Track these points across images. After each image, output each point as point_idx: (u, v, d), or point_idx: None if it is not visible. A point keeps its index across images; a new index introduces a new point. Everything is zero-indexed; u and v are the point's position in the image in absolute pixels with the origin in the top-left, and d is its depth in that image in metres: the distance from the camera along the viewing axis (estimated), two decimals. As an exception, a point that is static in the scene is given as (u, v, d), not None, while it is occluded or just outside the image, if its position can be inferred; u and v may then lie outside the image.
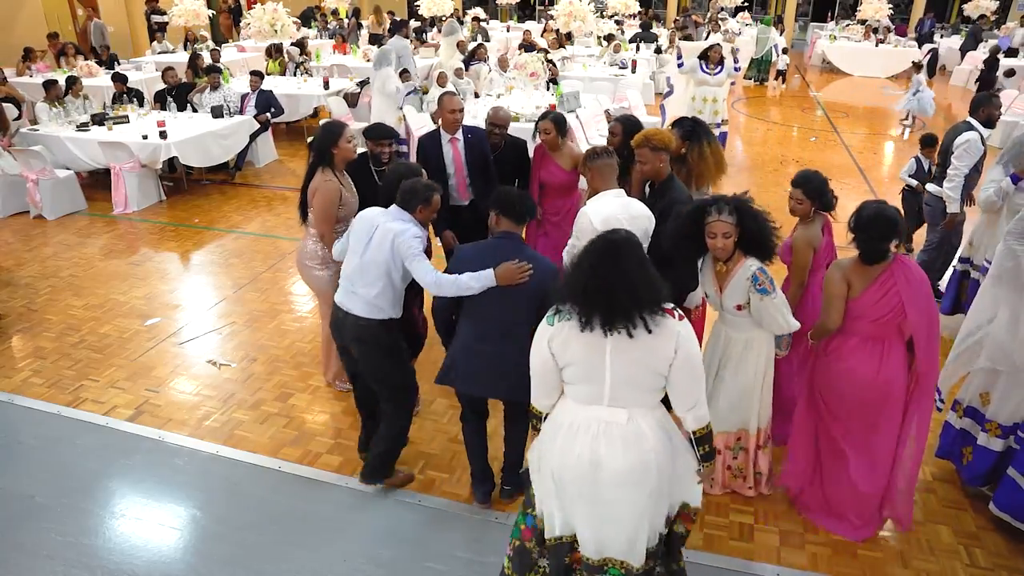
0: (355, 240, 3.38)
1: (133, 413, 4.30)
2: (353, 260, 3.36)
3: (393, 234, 3.24)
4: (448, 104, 4.52)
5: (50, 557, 3.27)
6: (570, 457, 2.43)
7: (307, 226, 4.12)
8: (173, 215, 7.71)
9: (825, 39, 17.59)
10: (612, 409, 2.41)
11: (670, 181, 3.80)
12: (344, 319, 3.39)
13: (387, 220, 3.30)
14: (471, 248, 3.26)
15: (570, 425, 2.45)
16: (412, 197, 3.30)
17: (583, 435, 2.42)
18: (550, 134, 4.55)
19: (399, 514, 3.51)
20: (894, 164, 9.89)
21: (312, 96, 10.31)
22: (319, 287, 4.23)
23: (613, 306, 2.27)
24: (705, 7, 21.84)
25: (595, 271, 2.31)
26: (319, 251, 4.10)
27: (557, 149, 4.63)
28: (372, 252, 3.29)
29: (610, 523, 2.50)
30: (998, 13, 18.24)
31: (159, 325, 5.34)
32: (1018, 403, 3.33)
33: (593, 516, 2.51)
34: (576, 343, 2.37)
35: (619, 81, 11.49)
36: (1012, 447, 3.37)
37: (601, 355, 2.36)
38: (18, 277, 6.15)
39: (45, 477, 3.76)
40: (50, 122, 8.33)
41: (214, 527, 3.46)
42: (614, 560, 2.55)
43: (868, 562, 3.24)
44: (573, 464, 2.43)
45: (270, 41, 12.07)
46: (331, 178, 3.94)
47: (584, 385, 2.43)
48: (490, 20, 19.84)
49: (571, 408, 2.49)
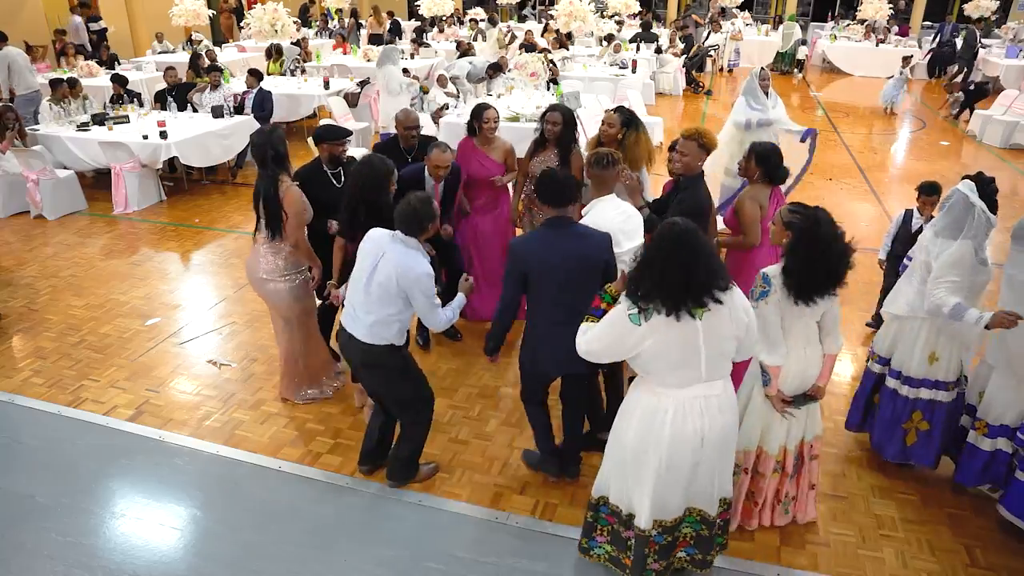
0: (361, 261, 3.28)
1: (133, 413, 4.30)
2: (358, 285, 3.28)
3: (402, 269, 3.12)
4: (436, 160, 4.34)
5: (50, 557, 3.27)
6: (685, 438, 2.63)
7: (261, 239, 3.96)
8: (173, 215, 7.71)
9: (825, 39, 17.58)
10: (710, 383, 2.64)
11: (699, 179, 3.93)
12: (349, 342, 3.33)
13: (394, 248, 3.18)
14: (527, 240, 3.33)
15: (676, 410, 2.62)
16: (414, 221, 3.16)
17: (692, 415, 2.62)
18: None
19: (399, 514, 3.51)
20: (894, 164, 9.90)
21: (312, 96, 10.32)
22: (278, 301, 4.08)
23: (695, 288, 2.45)
24: (705, 7, 21.83)
25: (671, 262, 2.45)
26: (279, 262, 3.96)
27: (490, 143, 4.77)
28: (377, 279, 3.18)
29: (698, 482, 2.75)
30: (998, 13, 18.22)
31: (159, 325, 5.34)
32: (1006, 405, 3.34)
33: (689, 481, 2.73)
34: (671, 335, 2.52)
35: (619, 81, 11.49)
36: (1002, 449, 3.38)
37: (695, 338, 2.53)
38: (18, 277, 6.15)
39: (45, 477, 3.77)
40: (51, 122, 8.33)
41: (214, 527, 3.46)
42: (693, 509, 2.82)
43: (868, 562, 3.24)
44: (689, 441, 2.63)
45: (270, 41, 12.07)
46: (292, 183, 3.84)
47: (681, 370, 2.59)
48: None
49: (667, 393, 2.64)
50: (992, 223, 3.27)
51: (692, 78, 14.51)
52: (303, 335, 4.21)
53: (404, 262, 3.14)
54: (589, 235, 3.22)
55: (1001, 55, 14.65)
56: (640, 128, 4.56)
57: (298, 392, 4.35)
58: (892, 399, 3.63)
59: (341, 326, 3.39)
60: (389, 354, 3.31)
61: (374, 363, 3.34)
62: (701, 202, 3.87)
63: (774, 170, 3.93)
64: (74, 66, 11.64)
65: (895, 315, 3.60)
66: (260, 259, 4.00)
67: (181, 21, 13.22)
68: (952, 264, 3.24)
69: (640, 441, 2.70)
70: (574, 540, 3.28)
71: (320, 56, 12.92)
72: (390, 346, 3.29)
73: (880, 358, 3.69)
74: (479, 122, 4.72)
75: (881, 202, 7.99)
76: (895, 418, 3.62)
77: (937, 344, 3.47)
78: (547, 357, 3.34)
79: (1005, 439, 3.38)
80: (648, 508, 2.75)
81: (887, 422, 3.66)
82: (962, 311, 3.16)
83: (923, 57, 16.77)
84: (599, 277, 3.17)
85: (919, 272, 3.47)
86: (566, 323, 3.16)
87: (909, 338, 3.52)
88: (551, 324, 3.24)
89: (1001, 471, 3.41)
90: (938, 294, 3.23)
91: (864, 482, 3.73)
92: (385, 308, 3.21)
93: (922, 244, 3.49)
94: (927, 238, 3.45)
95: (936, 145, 10.69)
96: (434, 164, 4.33)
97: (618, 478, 2.88)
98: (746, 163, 3.98)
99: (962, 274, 3.24)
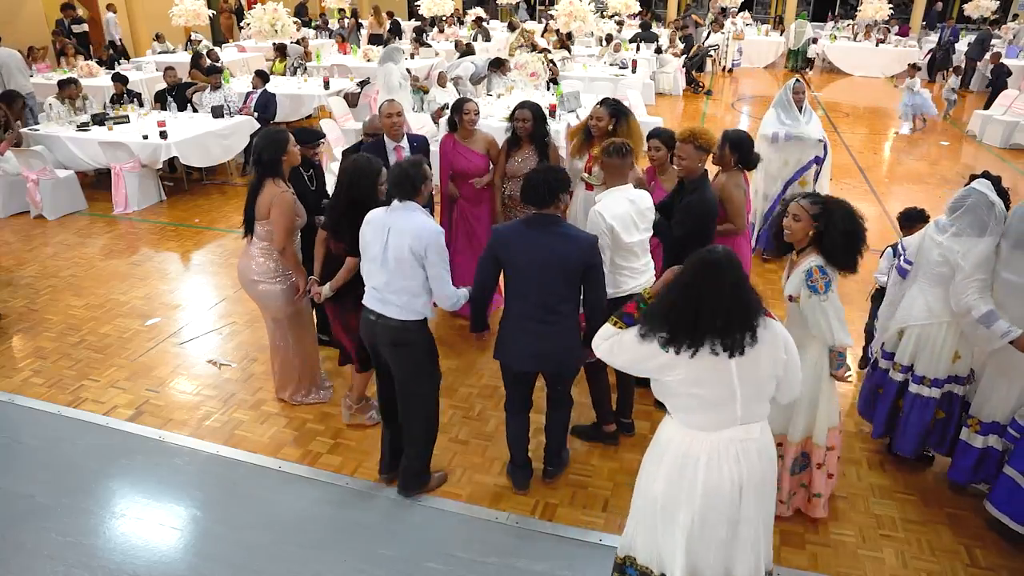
0: (369, 245, 3.26)
1: (133, 413, 4.30)
2: (374, 266, 3.25)
3: (413, 232, 3.11)
4: (386, 109, 4.46)
5: (50, 557, 3.27)
6: (718, 488, 2.36)
7: (252, 242, 3.95)
8: (173, 215, 7.72)
9: (825, 39, 17.60)
10: (747, 426, 2.38)
11: (704, 179, 3.89)
12: (376, 323, 3.29)
13: (397, 219, 3.17)
14: (508, 230, 3.26)
15: (709, 457, 2.35)
16: (407, 183, 3.14)
17: (727, 462, 2.36)
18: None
19: (399, 514, 3.51)
20: (894, 164, 9.89)
21: (312, 96, 10.32)
22: (270, 303, 4.03)
23: (733, 324, 2.22)
24: (705, 7, 21.84)
25: (705, 293, 2.22)
26: (271, 264, 3.93)
27: (471, 136, 4.81)
28: (392, 260, 3.17)
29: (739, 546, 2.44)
30: (998, 13, 18.23)
31: (159, 325, 5.34)
32: (998, 403, 3.37)
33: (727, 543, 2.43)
34: (703, 372, 2.29)
35: (619, 81, 11.49)
36: (993, 447, 3.41)
37: (728, 377, 2.30)
38: (18, 277, 6.15)
39: (45, 477, 3.76)
40: (51, 122, 8.34)
41: (214, 527, 3.46)
42: None
43: (868, 562, 3.24)
44: (725, 492, 2.36)
45: (271, 41, 12.08)
46: (285, 188, 3.79)
47: (713, 412, 2.35)
48: (491, 20, 19.84)
49: (699, 437, 2.37)
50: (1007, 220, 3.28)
51: (692, 78, 14.52)
52: (296, 336, 4.18)
53: (412, 226, 3.12)
54: (572, 237, 3.15)
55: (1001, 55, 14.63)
56: (630, 116, 4.55)
57: (296, 395, 4.34)
58: (922, 404, 3.58)
59: (367, 309, 3.32)
60: (421, 329, 3.30)
61: (406, 341, 3.27)
62: (709, 204, 3.82)
63: (748, 155, 4.09)
64: (74, 66, 11.65)
65: (918, 324, 3.52)
66: (252, 261, 3.97)
67: (181, 21, 13.22)
68: (983, 262, 3.24)
69: (670, 492, 2.43)
70: (574, 540, 3.28)
71: (320, 56, 12.93)
72: (423, 320, 3.29)
73: (903, 367, 3.63)
74: (460, 115, 4.77)
75: (881, 202, 7.98)
76: (923, 419, 3.60)
77: (959, 343, 3.48)
78: (510, 349, 3.32)
79: (996, 436, 3.41)
80: (682, 569, 2.44)
81: (919, 426, 3.62)
82: (993, 320, 3.18)
83: (923, 57, 16.78)
84: (576, 280, 3.16)
85: (933, 276, 3.41)
86: (535, 319, 3.20)
87: (936, 344, 3.47)
88: (519, 317, 3.25)
89: (992, 469, 3.43)
90: (970, 295, 3.23)
91: (864, 482, 3.73)
92: (410, 280, 3.18)
93: (935, 248, 3.40)
94: (943, 242, 3.36)
95: (936, 145, 10.69)
96: (385, 114, 4.45)
97: (647, 534, 2.59)
98: (720, 151, 4.03)
99: (988, 271, 3.26)
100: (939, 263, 3.37)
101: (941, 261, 3.36)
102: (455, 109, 4.82)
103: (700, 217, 3.76)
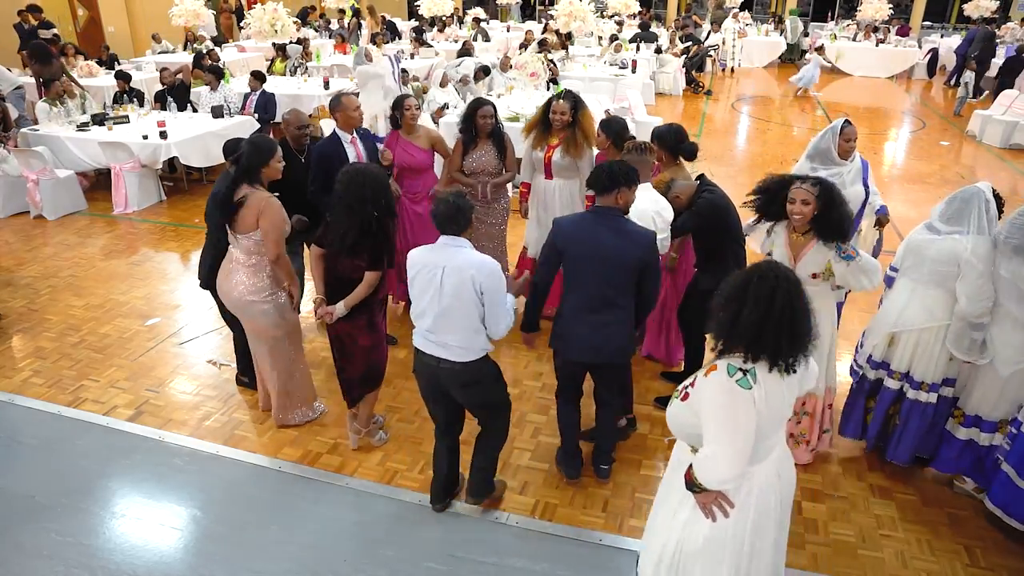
0: (421, 289, 3.08)
1: (133, 413, 4.30)
2: (428, 310, 3.07)
3: (476, 269, 2.97)
4: (348, 103, 4.56)
5: (50, 557, 3.26)
6: (768, 513, 2.32)
7: (235, 258, 3.73)
8: (173, 215, 7.72)
9: (825, 39, 17.60)
10: (782, 446, 2.40)
11: (705, 179, 3.97)
12: (438, 369, 3.12)
13: (452, 256, 3.01)
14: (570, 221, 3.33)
15: (760, 488, 2.28)
16: (460, 217, 3.01)
17: (772, 486, 2.31)
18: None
19: (399, 514, 3.51)
20: (895, 164, 9.89)
21: (312, 96, 10.33)
22: (264, 324, 3.80)
23: (797, 342, 2.14)
24: (705, 7, 21.84)
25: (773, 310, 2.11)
26: (264, 280, 3.73)
27: (413, 132, 4.86)
28: (449, 299, 3.00)
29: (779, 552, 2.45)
30: (998, 13, 18.22)
31: (159, 325, 5.34)
32: (981, 397, 3.42)
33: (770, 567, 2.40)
34: (777, 396, 2.19)
35: (619, 81, 11.49)
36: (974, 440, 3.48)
37: (791, 397, 2.24)
38: (18, 277, 6.15)
39: (45, 477, 3.76)
40: (50, 122, 8.34)
41: (214, 527, 3.46)
42: None
43: (868, 562, 3.24)
44: (772, 513, 2.33)
45: (271, 41, 12.09)
46: (270, 195, 3.62)
47: (771, 439, 2.26)
48: (490, 20, 19.85)
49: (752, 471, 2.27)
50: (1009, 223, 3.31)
51: (692, 78, 14.52)
52: (296, 349, 4.06)
53: (474, 263, 2.99)
54: (632, 232, 3.23)
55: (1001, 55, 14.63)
56: (585, 108, 4.76)
57: (293, 414, 4.14)
58: (921, 410, 3.57)
59: (420, 354, 3.17)
60: (485, 363, 3.18)
61: (474, 380, 3.16)
62: (717, 202, 3.79)
63: (676, 146, 4.17)
64: (74, 66, 11.63)
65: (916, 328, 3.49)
66: (239, 281, 3.74)
67: (181, 21, 13.21)
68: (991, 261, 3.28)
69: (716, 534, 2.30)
70: (574, 540, 3.28)
71: (320, 56, 12.93)
72: (486, 356, 3.17)
73: (902, 374, 3.60)
74: (400, 111, 4.84)
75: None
76: (922, 425, 3.60)
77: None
78: (565, 341, 3.37)
79: (977, 429, 3.47)
80: None
81: (917, 432, 3.61)
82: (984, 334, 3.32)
83: (923, 57, 16.80)
84: (633, 276, 3.22)
85: (932, 276, 3.40)
86: (591, 311, 3.26)
87: (935, 347, 3.46)
88: (576, 310, 3.29)
89: (970, 460, 3.51)
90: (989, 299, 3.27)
91: (864, 482, 3.73)
92: (469, 320, 3.03)
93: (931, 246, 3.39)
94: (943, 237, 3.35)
95: (936, 145, 10.69)
96: (350, 110, 4.54)
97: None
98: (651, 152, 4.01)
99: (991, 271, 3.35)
100: (939, 261, 3.35)
101: (942, 260, 3.34)
102: (395, 107, 4.90)
103: (710, 216, 3.79)
